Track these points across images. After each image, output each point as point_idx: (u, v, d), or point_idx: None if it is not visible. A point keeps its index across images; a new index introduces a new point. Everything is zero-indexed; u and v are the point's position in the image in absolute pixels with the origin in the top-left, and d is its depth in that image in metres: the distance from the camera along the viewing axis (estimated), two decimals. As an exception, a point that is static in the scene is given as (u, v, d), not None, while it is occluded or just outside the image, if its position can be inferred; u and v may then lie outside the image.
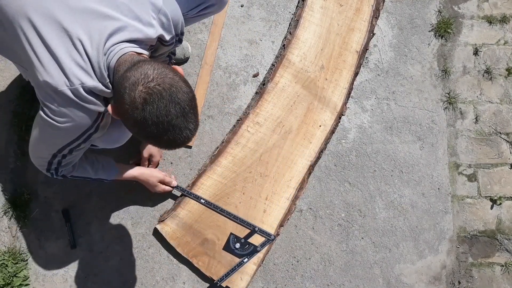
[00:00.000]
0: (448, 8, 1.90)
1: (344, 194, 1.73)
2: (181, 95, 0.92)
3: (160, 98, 0.90)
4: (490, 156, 1.80)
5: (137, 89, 0.90)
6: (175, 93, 0.91)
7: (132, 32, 1.03)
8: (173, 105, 0.91)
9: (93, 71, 1.00)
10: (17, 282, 1.55)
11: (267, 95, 1.69)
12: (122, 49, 1.00)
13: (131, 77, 0.92)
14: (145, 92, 0.90)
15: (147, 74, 0.91)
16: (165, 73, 0.92)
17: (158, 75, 0.91)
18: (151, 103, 0.90)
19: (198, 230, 1.60)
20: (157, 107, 0.90)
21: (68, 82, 0.98)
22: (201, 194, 1.62)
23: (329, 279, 1.67)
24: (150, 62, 0.94)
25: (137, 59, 0.98)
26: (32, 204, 1.61)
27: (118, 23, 1.01)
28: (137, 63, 0.95)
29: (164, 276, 1.62)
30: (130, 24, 1.03)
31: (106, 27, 1.00)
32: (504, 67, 1.86)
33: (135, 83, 0.91)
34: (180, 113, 0.92)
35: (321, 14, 1.77)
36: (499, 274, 1.73)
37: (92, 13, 1.00)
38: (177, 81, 0.93)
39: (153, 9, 1.07)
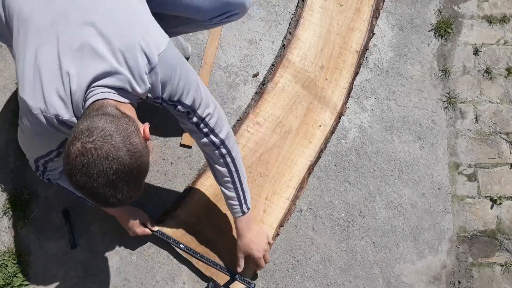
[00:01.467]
0: (448, 8, 1.90)
1: (344, 194, 1.73)
2: (116, 166, 0.88)
3: (91, 164, 0.87)
4: (490, 156, 1.80)
5: (75, 144, 0.87)
6: (108, 162, 0.87)
7: (120, 81, 0.99)
8: (101, 174, 0.87)
9: (72, 106, 0.98)
10: (17, 282, 1.55)
11: (267, 95, 1.69)
12: (101, 93, 0.97)
13: (79, 127, 0.89)
14: (79, 151, 0.87)
15: (92, 132, 0.87)
16: (110, 138, 0.88)
17: (101, 138, 0.87)
18: (79, 163, 0.87)
19: (198, 231, 1.60)
20: (83, 170, 0.87)
21: (44, 108, 0.98)
22: (201, 194, 1.62)
23: (329, 279, 1.67)
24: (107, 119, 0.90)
25: (103, 110, 0.94)
26: (32, 204, 1.61)
27: (110, 67, 0.98)
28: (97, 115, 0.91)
29: (164, 276, 1.62)
30: (121, 72, 0.99)
31: (97, 68, 0.97)
32: (504, 67, 1.86)
33: (77, 137, 0.87)
34: (107, 183, 0.89)
35: (321, 14, 1.77)
36: (499, 274, 1.73)
37: (89, 51, 0.97)
38: (118, 150, 0.88)
39: (147, 64, 1.01)
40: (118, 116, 0.93)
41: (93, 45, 0.97)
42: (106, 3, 1.02)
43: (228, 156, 1.29)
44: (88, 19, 0.98)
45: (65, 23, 0.98)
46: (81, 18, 0.99)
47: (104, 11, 1.00)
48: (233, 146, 1.29)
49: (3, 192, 1.62)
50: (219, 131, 1.24)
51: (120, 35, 0.99)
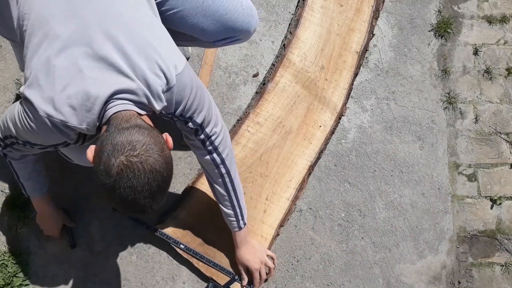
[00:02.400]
0: (448, 8, 1.90)
1: (344, 194, 1.73)
2: (159, 179, 0.91)
3: (136, 177, 0.89)
4: (490, 156, 1.80)
5: (118, 158, 0.88)
6: (153, 176, 0.90)
7: (140, 97, 1.00)
8: (146, 188, 0.90)
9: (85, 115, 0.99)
10: (17, 282, 1.55)
11: (267, 95, 1.69)
12: (123, 104, 0.98)
13: (119, 141, 0.90)
14: (125, 165, 0.88)
15: (134, 146, 0.89)
16: (152, 152, 0.90)
17: (145, 152, 0.90)
18: (125, 177, 0.89)
19: (198, 231, 1.60)
20: (129, 183, 0.89)
21: (52, 113, 0.97)
22: (201, 194, 1.62)
23: (329, 279, 1.67)
24: (144, 132, 0.93)
25: (134, 122, 0.96)
26: (32, 204, 1.61)
27: (130, 83, 0.99)
28: (131, 127, 0.93)
29: (164, 276, 1.62)
30: (141, 88, 1.00)
31: (117, 83, 0.98)
32: (504, 67, 1.86)
33: (119, 150, 0.89)
34: (148, 195, 0.92)
35: (321, 14, 1.77)
36: (499, 274, 1.73)
37: (109, 64, 0.98)
38: (160, 164, 0.91)
39: (165, 83, 1.03)
40: (150, 128, 0.96)
41: (112, 59, 0.98)
42: (129, 19, 1.02)
43: (226, 176, 1.33)
44: (110, 33, 0.98)
45: (87, 33, 0.98)
46: (103, 30, 0.98)
47: (125, 26, 1.01)
48: (232, 166, 1.33)
49: (3, 192, 1.61)
50: (222, 150, 1.28)
51: (140, 52, 1.00)
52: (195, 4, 1.18)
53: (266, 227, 1.63)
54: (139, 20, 1.04)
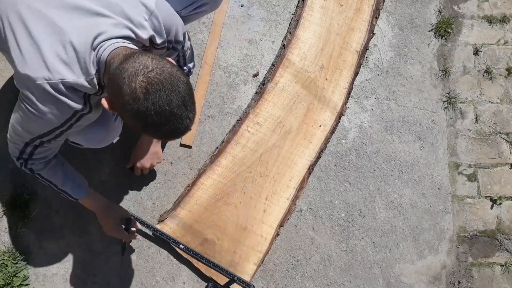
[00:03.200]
0: (448, 8, 1.90)
1: (344, 194, 1.73)
2: (181, 84, 0.92)
3: (162, 88, 0.90)
4: (490, 156, 1.80)
5: (137, 80, 0.89)
6: (175, 82, 0.91)
7: (123, 30, 1.02)
8: (174, 94, 0.91)
9: (79, 67, 0.99)
10: (17, 282, 1.55)
11: (267, 95, 1.69)
12: (114, 44, 1.00)
13: (129, 68, 0.91)
14: (146, 82, 0.89)
15: (146, 64, 0.91)
16: (163, 63, 0.92)
17: (157, 65, 0.91)
18: (153, 93, 0.89)
19: (198, 230, 1.60)
20: (159, 97, 0.90)
21: (49, 76, 0.98)
22: (201, 194, 1.62)
23: (329, 279, 1.67)
24: (147, 53, 0.94)
25: (131, 51, 0.98)
26: (32, 204, 1.61)
27: (110, 20, 1.01)
28: (132, 54, 0.94)
29: (164, 276, 1.62)
30: (121, 22, 1.03)
31: (97, 24, 1.00)
32: (504, 67, 1.86)
33: (135, 73, 0.90)
34: (181, 102, 0.92)
35: (321, 14, 1.77)
36: (499, 274, 1.73)
37: (83, 10, 1.00)
38: (175, 71, 0.93)
39: (146, 11, 1.06)
40: (146, 52, 0.97)
41: (85, 4, 1.00)
42: None
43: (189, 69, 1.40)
44: None
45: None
46: None
47: None
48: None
49: (3, 192, 1.61)
50: (190, 60, 1.37)
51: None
52: None
53: (266, 227, 1.63)
54: None
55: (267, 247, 1.62)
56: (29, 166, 1.24)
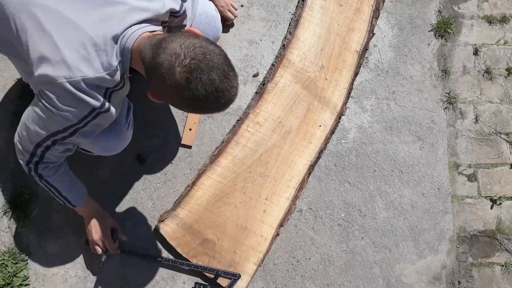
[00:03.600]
0: (448, 8, 1.90)
1: (344, 194, 1.73)
2: (216, 58, 0.93)
3: (201, 71, 0.91)
4: (490, 156, 1.80)
5: (175, 72, 0.91)
6: (210, 60, 0.92)
7: (139, 13, 1.02)
8: (214, 72, 0.92)
9: (99, 61, 0.99)
10: (17, 282, 1.55)
11: (267, 95, 1.69)
12: (134, 32, 1.00)
13: (163, 62, 0.92)
14: (185, 72, 0.91)
15: (176, 53, 0.91)
16: (193, 44, 0.93)
17: (187, 50, 0.92)
18: (194, 79, 0.91)
19: (198, 230, 1.60)
20: (201, 81, 0.92)
21: (69, 74, 0.97)
22: (201, 194, 1.62)
23: (329, 279, 1.67)
24: (171, 38, 0.94)
25: (156, 39, 0.97)
26: (32, 204, 1.61)
27: (123, 6, 1.00)
28: (158, 44, 0.95)
29: (164, 276, 1.62)
30: (135, 5, 1.01)
31: (112, 14, 0.99)
32: (504, 67, 1.86)
33: (170, 67, 0.91)
34: (222, 76, 0.94)
35: (321, 14, 1.77)
36: (499, 274, 1.73)
37: (93, 1, 0.99)
38: (206, 46, 0.93)
39: None
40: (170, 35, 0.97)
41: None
42: None
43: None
44: None
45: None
46: None
47: None
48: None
49: (3, 192, 1.61)
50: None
51: None
52: None
53: (266, 227, 1.63)
54: None
55: (267, 247, 1.62)
56: (40, 171, 1.23)
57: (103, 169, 1.65)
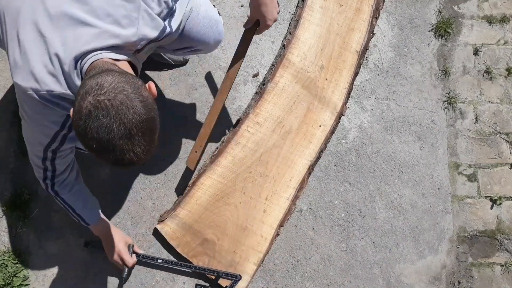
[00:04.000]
0: (448, 8, 1.90)
1: (344, 194, 1.73)
2: (131, 116, 0.85)
3: (105, 115, 0.84)
4: (490, 156, 1.80)
5: (86, 99, 0.85)
6: (123, 112, 0.84)
7: (108, 39, 0.99)
8: (117, 125, 0.84)
9: (64, 78, 0.99)
10: (17, 282, 1.55)
11: (267, 95, 1.69)
12: (95, 55, 0.97)
13: (87, 85, 0.87)
14: (92, 104, 0.84)
15: (102, 85, 0.85)
16: (122, 89, 0.86)
17: (113, 89, 0.85)
18: (94, 117, 0.84)
19: (198, 230, 1.60)
20: (99, 123, 0.84)
21: (36, 87, 0.98)
22: (201, 194, 1.62)
23: (329, 279, 1.67)
24: (114, 74, 0.89)
25: (107, 67, 0.94)
26: (32, 204, 1.61)
27: (94, 30, 0.98)
28: (102, 72, 0.90)
29: (164, 276, 1.62)
30: (107, 30, 0.99)
31: (81, 35, 0.97)
32: (504, 67, 1.86)
33: (87, 92, 0.85)
34: (124, 134, 0.85)
35: (321, 14, 1.77)
36: (499, 274, 1.73)
37: (69, 19, 0.98)
38: (131, 100, 0.86)
39: (134, 7, 1.02)
40: (123, 72, 0.92)
41: (69, 11, 0.97)
42: None
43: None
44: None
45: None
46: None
47: None
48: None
49: (3, 192, 1.62)
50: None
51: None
52: None
53: (266, 227, 1.63)
54: None
55: (267, 247, 1.62)
56: (56, 187, 1.27)
57: (103, 169, 1.65)
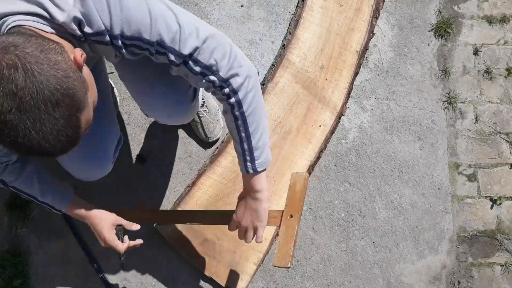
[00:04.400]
0: (448, 8, 1.90)
1: (344, 194, 1.73)
2: (27, 84, 0.66)
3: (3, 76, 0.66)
4: (490, 156, 1.80)
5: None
6: (12, 79, 0.65)
7: (33, 6, 0.78)
8: (7, 94, 0.66)
9: None
10: (17, 282, 1.55)
11: (267, 95, 1.69)
12: (17, 21, 0.78)
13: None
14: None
15: (15, 42, 0.68)
16: (14, 49, 0.67)
17: (3, 49, 0.67)
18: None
19: (198, 230, 1.60)
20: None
21: None
22: (201, 194, 1.62)
23: (329, 279, 1.67)
24: (19, 36, 0.71)
25: (28, 33, 0.75)
26: (32, 204, 1.61)
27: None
28: (13, 32, 0.74)
29: (164, 276, 1.62)
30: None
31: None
32: (504, 67, 1.86)
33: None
34: (17, 108, 0.66)
35: (321, 14, 1.77)
36: (499, 274, 1.73)
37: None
38: (28, 63, 0.67)
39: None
40: (35, 35, 0.75)
41: None
42: None
43: (233, 97, 0.97)
44: None
45: None
46: None
47: None
48: (246, 85, 0.96)
49: (3, 192, 1.62)
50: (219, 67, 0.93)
51: None
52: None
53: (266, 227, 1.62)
54: None
55: (267, 247, 1.62)
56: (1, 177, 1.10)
57: (103, 169, 1.65)
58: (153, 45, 0.87)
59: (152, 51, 0.89)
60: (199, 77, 0.93)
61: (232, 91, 0.96)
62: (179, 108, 1.12)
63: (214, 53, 0.91)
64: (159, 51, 0.89)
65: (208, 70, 0.92)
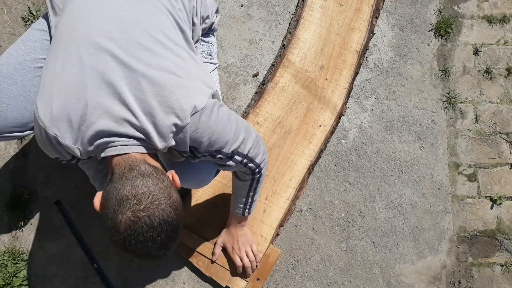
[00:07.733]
0: (448, 8, 1.90)
1: (344, 194, 1.73)
2: (169, 230, 0.89)
3: (145, 232, 0.87)
4: (490, 156, 1.80)
5: (125, 214, 0.86)
6: (161, 230, 0.88)
7: (137, 131, 0.95)
8: (157, 239, 0.89)
9: (78, 136, 0.95)
10: (17, 282, 1.55)
11: (267, 95, 1.69)
12: (122, 146, 0.94)
13: (123, 194, 0.87)
14: (132, 221, 0.86)
15: (140, 199, 0.86)
16: (158, 202, 0.88)
17: (151, 204, 0.87)
18: (134, 233, 0.86)
19: (198, 231, 1.60)
20: (139, 239, 0.87)
21: (48, 125, 0.95)
22: (201, 194, 1.62)
23: (329, 279, 1.67)
24: (148, 180, 0.89)
25: (137, 170, 0.92)
26: (32, 204, 1.61)
27: (131, 117, 0.94)
28: (134, 176, 0.90)
29: (164, 276, 1.62)
30: (143, 124, 0.94)
31: (115, 112, 0.93)
32: (504, 67, 1.86)
33: (125, 205, 0.86)
34: (161, 246, 0.90)
35: (321, 14, 1.77)
36: (499, 274, 1.73)
37: (113, 90, 0.93)
38: (168, 213, 0.89)
39: (176, 125, 0.96)
40: (154, 174, 0.92)
41: (116, 85, 0.93)
42: (154, 49, 0.97)
43: (257, 173, 1.24)
44: (131, 62, 0.94)
45: (104, 54, 0.95)
46: (125, 55, 0.95)
47: (149, 58, 0.96)
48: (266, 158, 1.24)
49: (3, 192, 1.62)
50: (255, 157, 1.18)
51: (157, 92, 0.94)
52: None
53: (266, 227, 1.63)
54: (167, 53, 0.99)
55: (267, 247, 1.62)
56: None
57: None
58: (227, 155, 1.10)
59: (222, 157, 1.10)
60: (239, 166, 1.16)
61: (258, 166, 1.20)
62: (202, 184, 1.28)
63: (256, 147, 1.16)
64: (229, 157, 1.11)
65: (249, 160, 1.16)
